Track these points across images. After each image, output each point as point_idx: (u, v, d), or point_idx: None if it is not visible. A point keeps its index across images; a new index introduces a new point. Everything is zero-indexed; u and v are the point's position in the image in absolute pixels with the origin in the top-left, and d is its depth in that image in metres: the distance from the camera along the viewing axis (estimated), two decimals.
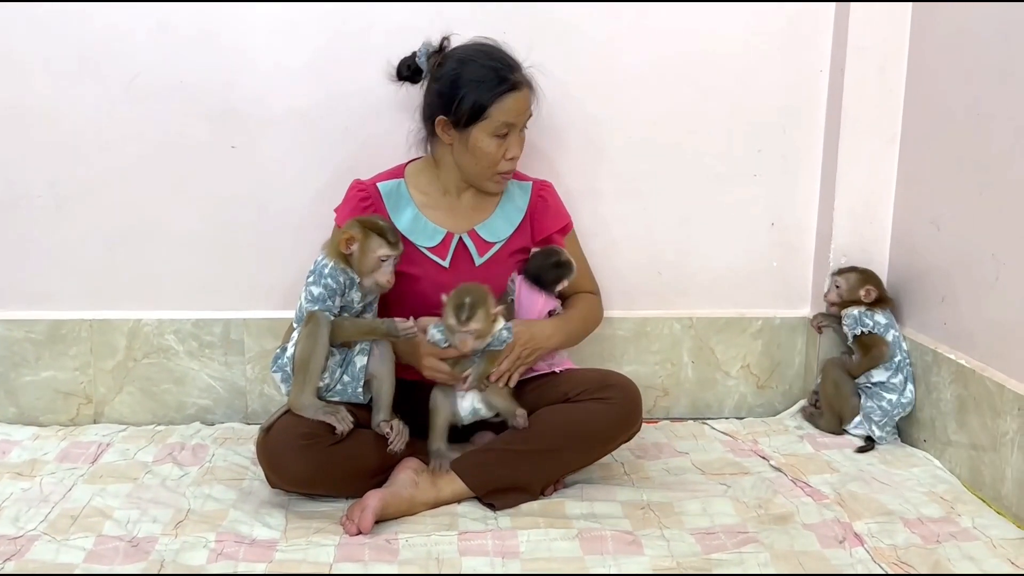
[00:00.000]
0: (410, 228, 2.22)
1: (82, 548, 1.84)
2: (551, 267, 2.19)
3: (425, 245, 2.22)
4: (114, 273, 2.52)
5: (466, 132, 2.14)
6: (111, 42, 2.40)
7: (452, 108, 2.12)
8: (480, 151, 2.15)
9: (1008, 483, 2.05)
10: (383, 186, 2.24)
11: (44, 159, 2.45)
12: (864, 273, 2.49)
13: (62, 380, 2.53)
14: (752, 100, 2.59)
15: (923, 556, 1.85)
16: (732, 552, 1.87)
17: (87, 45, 2.39)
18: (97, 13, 2.38)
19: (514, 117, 2.15)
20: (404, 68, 2.25)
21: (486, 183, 2.23)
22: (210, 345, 2.55)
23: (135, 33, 2.40)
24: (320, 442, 1.96)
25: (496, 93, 2.11)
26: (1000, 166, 2.12)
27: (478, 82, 2.11)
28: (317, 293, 2.00)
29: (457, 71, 2.14)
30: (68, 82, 2.41)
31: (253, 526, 1.96)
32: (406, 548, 1.87)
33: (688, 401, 2.71)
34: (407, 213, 2.23)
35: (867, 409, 2.44)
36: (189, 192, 2.49)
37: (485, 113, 2.12)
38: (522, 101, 2.16)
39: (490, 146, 2.15)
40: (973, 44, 2.22)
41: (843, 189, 2.56)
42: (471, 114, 2.12)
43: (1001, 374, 2.12)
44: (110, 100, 2.42)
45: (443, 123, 2.16)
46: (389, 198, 2.23)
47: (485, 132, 2.13)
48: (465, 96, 2.11)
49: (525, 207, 2.31)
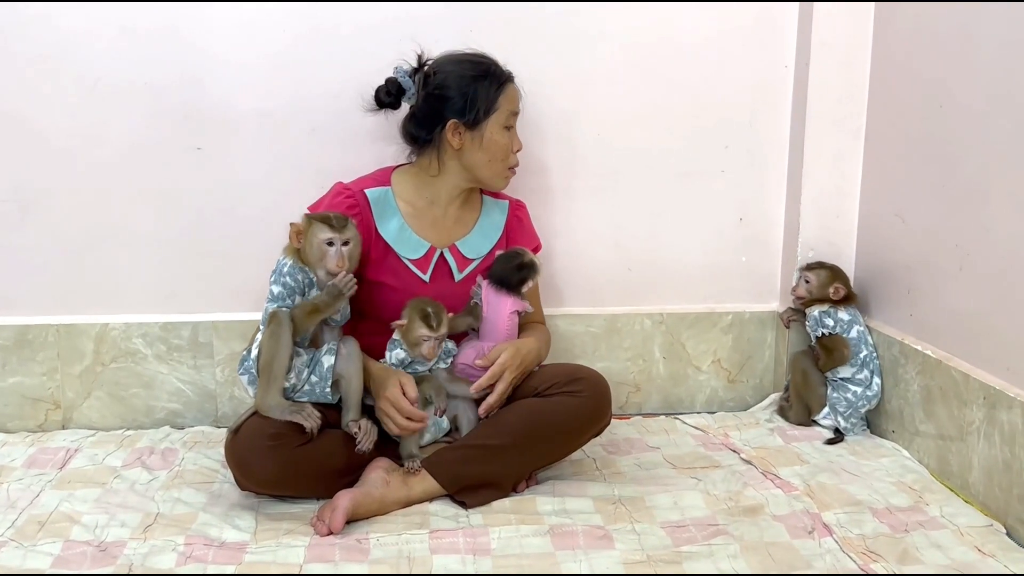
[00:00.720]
0: (396, 238, 2.21)
1: (49, 554, 1.82)
2: (515, 269, 2.19)
3: (408, 257, 2.22)
4: (80, 277, 2.49)
5: (478, 129, 2.18)
6: (74, 45, 2.37)
7: (463, 108, 2.16)
8: (495, 144, 2.19)
9: (975, 471, 2.07)
10: (371, 193, 2.22)
11: (6, 164, 2.42)
12: (833, 270, 2.50)
13: (29, 386, 2.50)
14: (718, 96, 2.60)
15: (891, 545, 1.86)
16: (702, 544, 1.87)
17: (49, 48, 2.37)
18: (59, 15, 2.35)
19: (517, 105, 2.23)
20: (384, 95, 2.24)
21: (498, 180, 2.27)
22: (179, 348, 2.52)
23: (98, 35, 2.37)
24: (288, 443, 1.95)
25: (499, 85, 2.18)
26: (961, 159, 2.14)
27: (478, 78, 2.17)
28: (277, 292, 1.99)
29: (455, 74, 2.18)
30: (30, 85, 2.38)
31: (223, 528, 1.94)
32: (377, 548, 1.86)
33: (660, 396, 2.71)
34: (393, 223, 2.22)
35: (833, 400, 2.46)
36: (155, 194, 2.47)
37: (496, 105, 2.17)
38: (516, 90, 2.24)
39: (503, 138, 2.20)
40: (934, 39, 2.23)
41: (809, 184, 2.57)
42: (485, 109, 2.16)
43: (966, 363, 2.13)
44: (74, 103, 2.40)
45: (454, 126, 2.17)
46: (377, 205, 2.22)
47: (498, 124, 2.19)
48: (474, 93, 2.16)
49: (503, 225, 2.34)
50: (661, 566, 1.79)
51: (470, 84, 2.16)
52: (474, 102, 2.16)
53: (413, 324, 2.06)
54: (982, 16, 2.05)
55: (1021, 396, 1.93)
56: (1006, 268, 2.00)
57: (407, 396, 2.02)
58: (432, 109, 2.20)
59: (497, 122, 2.18)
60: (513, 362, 2.11)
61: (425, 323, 2.05)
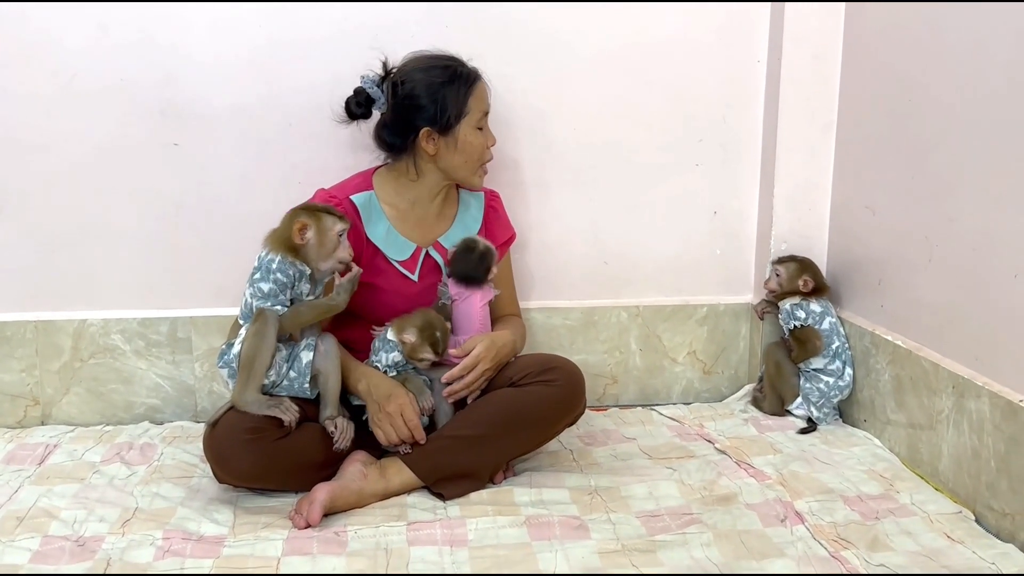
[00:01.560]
0: (384, 242, 2.22)
1: (28, 549, 1.81)
2: (478, 261, 2.20)
3: (396, 259, 2.23)
4: (58, 274, 2.48)
5: (451, 134, 2.18)
6: (48, 42, 2.36)
7: (434, 116, 2.15)
8: (469, 146, 2.19)
9: (945, 459, 2.09)
10: (357, 199, 2.22)
11: None
12: (802, 263, 2.51)
13: (8, 382, 2.49)
14: (692, 91, 2.60)
15: (861, 532, 1.88)
16: (676, 533, 1.89)
17: (23, 46, 2.35)
18: (33, 14, 2.34)
19: (486, 104, 2.23)
20: (354, 106, 2.23)
21: (473, 178, 2.27)
22: (157, 344, 2.51)
23: (72, 33, 2.36)
24: (266, 436, 1.95)
25: (467, 87, 2.18)
26: (929, 153, 2.16)
27: (447, 84, 2.16)
28: (268, 289, 1.97)
29: (423, 81, 2.17)
30: (3, 83, 2.37)
31: (201, 523, 1.94)
32: (355, 540, 1.87)
33: (636, 388, 2.73)
34: (380, 227, 2.23)
35: (806, 391, 2.48)
36: (132, 190, 2.45)
37: (466, 108, 2.16)
38: (485, 87, 2.23)
39: (477, 138, 2.20)
40: (903, 36, 2.25)
41: (782, 177, 2.59)
42: (456, 113, 2.16)
43: (936, 353, 2.15)
44: (48, 100, 2.38)
45: (427, 133, 2.17)
46: (364, 210, 2.22)
47: (470, 126, 2.19)
48: (444, 99, 2.15)
49: (481, 216, 2.35)
50: (636, 555, 1.80)
51: (439, 90, 2.15)
52: (445, 108, 2.15)
53: (421, 347, 2.07)
54: (950, 14, 2.07)
55: (989, 385, 1.95)
56: (974, 260, 2.02)
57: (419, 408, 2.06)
58: (403, 118, 2.19)
59: (469, 124, 2.18)
60: (488, 354, 2.11)
61: (432, 349, 2.07)
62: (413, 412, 2.05)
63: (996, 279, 1.95)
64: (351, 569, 1.75)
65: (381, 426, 2.05)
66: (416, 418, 2.05)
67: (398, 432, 2.04)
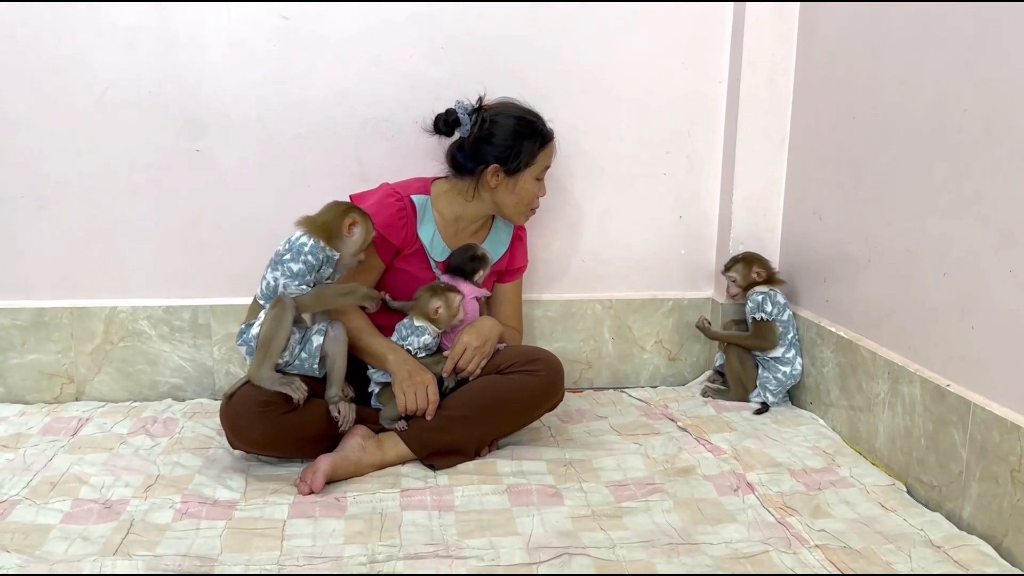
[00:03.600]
0: (429, 242, 2.24)
1: (59, 510, 1.81)
2: (469, 260, 2.22)
3: (435, 258, 2.25)
4: (91, 265, 2.46)
5: (515, 177, 2.21)
6: (83, 59, 2.35)
7: (506, 158, 2.18)
8: (526, 191, 2.24)
9: (880, 437, 2.09)
10: (417, 199, 2.23)
11: (24, 163, 2.39)
12: (746, 259, 2.50)
13: (46, 362, 2.48)
14: (660, 108, 2.60)
15: (805, 501, 1.88)
16: (640, 500, 1.89)
17: (62, 62, 2.34)
18: (69, 34, 2.33)
19: (551, 161, 2.28)
20: (442, 123, 2.24)
21: (519, 217, 2.31)
22: (180, 329, 2.50)
23: (105, 51, 2.35)
24: (276, 409, 1.94)
25: (541, 144, 2.22)
26: (869, 163, 2.16)
27: (527, 136, 2.19)
28: (297, 269, 1.96)
29: (510, 127, 2.20)
30: (44, 94, 2.36)
31: (216, 488, 1.93)
32: (353, 505, 1.86)
33: (609, 373, 2.72)
34: (428, 229, 2.24)
35: (763, 379, 2.47)
36: (158, 191, 2.44)
37: (534, 160, 2.20)
38: (554, 148, 2.27)
39: (533, 187, 2.25)
40: (846, 60, 2.25)
41: (740, 185, 2.59)
42: (525, 163, 2.19)
43: (873, 343, 2.16)
44: (84, 110, 2.37)
45: (495, 170, 2.19)
46: (420, 211, 2.23)
47: (532, 176, 2.23)
48: (520, 148, 2.18)
49: (508, 242, 2.38)
50: (604, 520, 1.80)
51: (518, 139, 2.18)
52: (518, 155, 2.18)
53: (447, 301, 2.10)
54: (889, 43, 2.07)
55: (920, 372, 1.96)
56: (907, 260, 2.02)
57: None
58: (480, 149, 2.20)
59: (532, 174, 2.22)
60: (471, 340, 2.11)
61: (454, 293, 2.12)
62: (435, 391, 2.05)
63: (926, 277, 1.95)
64: (350, 530, 1.75)
65: (406, 392, 2.04)
66: (437, 396, 2.05)
67: (418, 401, 2.04)
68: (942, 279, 1.90)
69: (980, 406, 1.76)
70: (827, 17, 2.35)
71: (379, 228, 2.13)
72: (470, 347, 2.10)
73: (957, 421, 1.82)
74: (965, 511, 1.80)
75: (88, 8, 2.32)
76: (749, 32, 2.50)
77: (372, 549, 1.68)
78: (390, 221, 2.17)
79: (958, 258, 1.85)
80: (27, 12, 2.30)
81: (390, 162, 2.44)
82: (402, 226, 2.19)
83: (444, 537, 1.73)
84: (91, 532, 1.73)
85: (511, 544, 1.70)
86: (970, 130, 1.80)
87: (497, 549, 1.68)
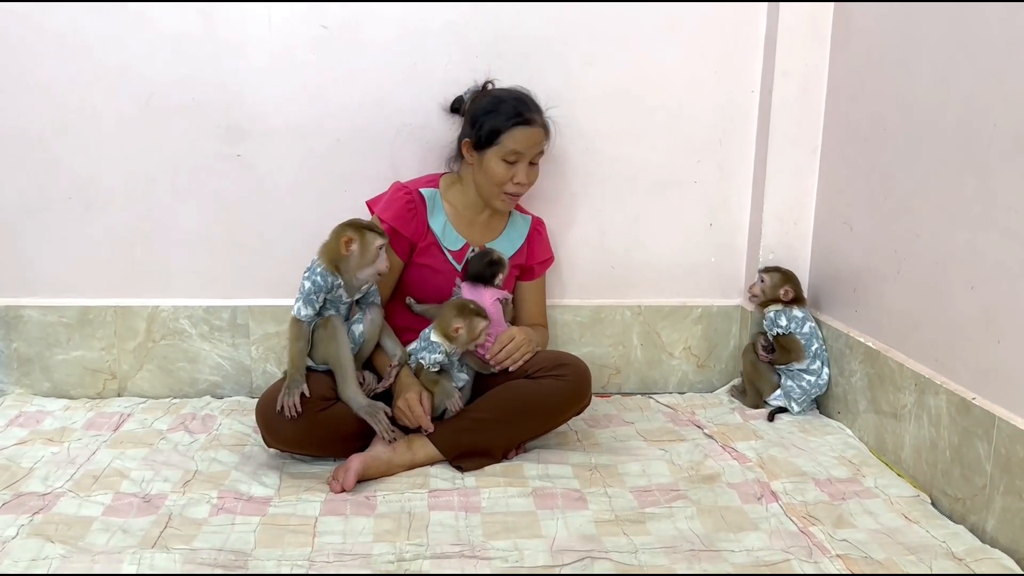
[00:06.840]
0: (441, 232, 2.27)
1: (101, 503, 1.87)
2: (487, 265, 2.25)
3: (449, 248, 2.28)
4: (135, 266, 2.53)
5: (482, 154, 2.22)
6: (130, 68, 2.41)
7: (474, 131, 2.21)
8: (491, 171, 2.21)
9: (907, 448, 2.09)
10: (425, 192, 2.28)
11: (72, 167, 2.46)
12: (786, 274, 2.51)
13: (90, 359, 2.55)
14: (693, 117, 2.61)
15: (828, 511, 1.89)
16: (664, 507, 1.90)
17: (109, 70, 2.41)
18: (115, 44, 2.40)
19: (522, 147, 2.20)
20: (456, 103, 2.39)
21: (493, 200, 2.28)
22: (219, 329, 2.56)
23: (151, 60, 2.41)
24: (310, 409, 1.99)
25: (510, 124, 2.19)
26: (899, 174, 2.16)
27: (499, 113, 2.20)
28: (307, 287, 2.03)
29: (483, 104, 2.24)
30: (92, 102, 2.43)
31: (251, 485, 1.98)
32: (383, 504, 1.90)
33: (637, 378, 2.74)
34: (439, 219, 2.28)
35: (787, 388, 2.48)
36: (199, 195, 2.50)
37: (498, 139, 2.19)
38: (532, 136, 2.22)
39: (499, 168, 2.21)
40: (879, 71, 2.25)
41: (771, 194, 2.59)
42: (487, 138, 2.19)
43: (901, 354, 2.15)
44: (129, 117, 2.44)
45: (466, 144, 2.24)
46: (429, 202, 2.28)
47: (496, 156, 2.20)
48: (485, 122, 2.19)
49: (525, 235, 2.40)
50: (627, 525, 1.82)
51: (486, 114, 2.21)
52: (480, 129, 2.20)
53: (471, 322, 2.10)
54: (920, 56, 2.07)
55: (947, 384, 1.95)
56: (935, 273, 2.02)
57: (423, 405, 2.07)
58: (463, 124, 2.28)
59: (496, 154, 2.20)
60: (519, 334, 2.18)
61: (479, 316, 2.10)
62: (418, 407, 2.05)
63: (954, 290, 1.95)
64: (379, 529, 1.79)
65: (397, 414, 2.09)
66: (419, 413, 2.05)
67: (408, 420, 2.07)
68: (969, 292, 1.90)
69: (1005, 420, 1.76)
70: (859, 27, 2.35)
71: (390, 222, 2.19)
72: (518, 338, 2.15)
73: (982, 434, 1.82)
74: (989, 524, 1.79)
75: (136, 16, 2.38)
76: (782, 40, 2.50)
77: (400, 548, 1.71)
78: (399, 214, 2.22)
79: (985, 271, 1.85)
80: (77, 21, 2.37)
81: (425, 167, 2.48)
82: (411, 217, 2.23)
83: (470, 538, 1.76)
84: (131, 525, 1.78)
85: (535, 546, 1.73)
86: (999, 144, 1.80)
87: (521, 551, 1.71)
